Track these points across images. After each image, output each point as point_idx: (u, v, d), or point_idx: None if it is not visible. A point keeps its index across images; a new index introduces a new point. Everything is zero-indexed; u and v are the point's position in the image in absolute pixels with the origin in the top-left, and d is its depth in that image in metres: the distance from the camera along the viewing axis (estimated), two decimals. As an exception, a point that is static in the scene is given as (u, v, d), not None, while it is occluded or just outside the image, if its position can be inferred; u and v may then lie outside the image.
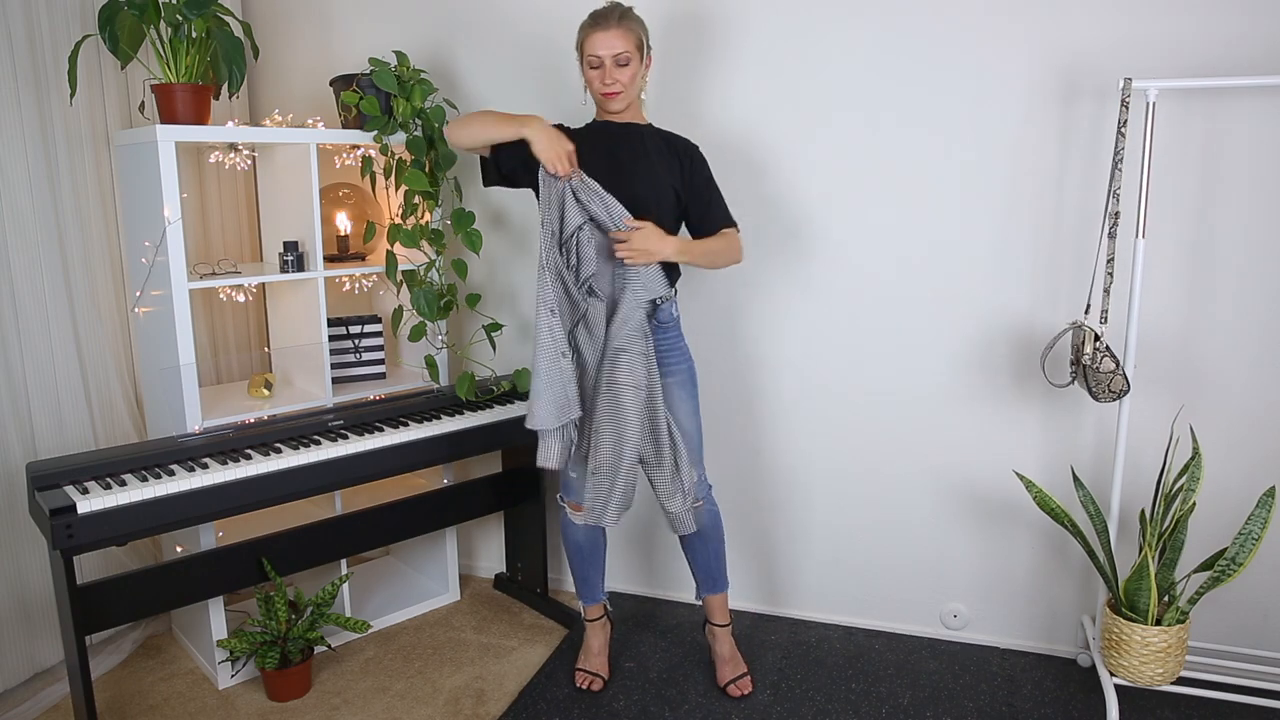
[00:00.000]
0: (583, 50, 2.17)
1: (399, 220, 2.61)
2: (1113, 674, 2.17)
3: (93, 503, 1.94)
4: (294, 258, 2.50)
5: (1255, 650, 2.34)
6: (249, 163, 2.76)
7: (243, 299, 2.75)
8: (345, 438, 2.35)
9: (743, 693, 2.37)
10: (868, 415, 2.61)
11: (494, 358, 2.88)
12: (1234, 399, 2.29)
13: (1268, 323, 2.24)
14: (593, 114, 2.28)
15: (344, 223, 2.80)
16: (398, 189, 2.62)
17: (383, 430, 2.42)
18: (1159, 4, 2.18)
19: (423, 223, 2.61)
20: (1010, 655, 2.56)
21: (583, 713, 2.32)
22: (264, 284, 2.89)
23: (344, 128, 2.66)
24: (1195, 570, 2.16)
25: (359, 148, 2.68)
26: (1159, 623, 2.09)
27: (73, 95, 2.31)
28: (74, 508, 1.92)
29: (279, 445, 2.30)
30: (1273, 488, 2.05)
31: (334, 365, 2.69)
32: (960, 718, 2.28)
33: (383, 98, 2.55)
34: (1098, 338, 2.14)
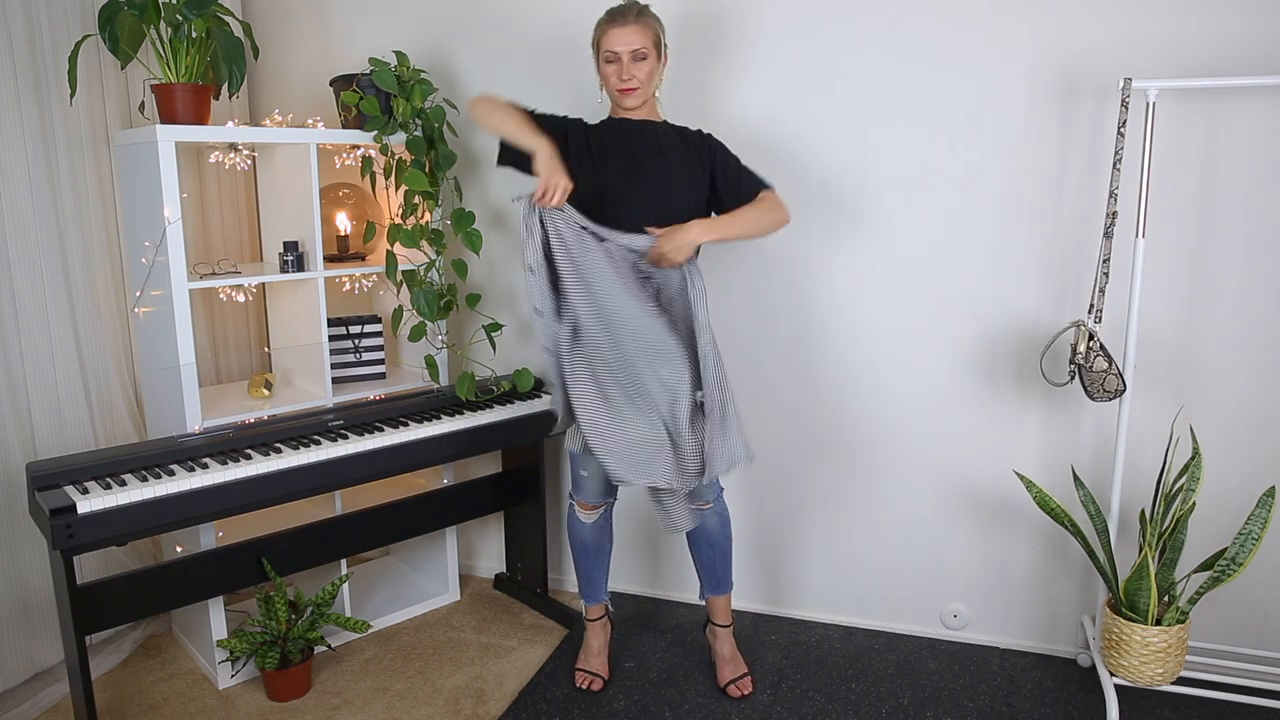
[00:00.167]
0: (599, 46, 2.15)
1: (399, 220, 2.61)
2: (1113, 674, 2.17)
3: (93, 503, 1.94)
4: (294, 258, 2.50)
5: (1255, 650, 2.34)
6: (249, 163, 2.76)
7: (243, 299, 2.75)
8: (345, 438, 2.35)
9: (743, 693, 2.37)
10: (867, 415, 2.61)
11: (494, 358, 2.88)
12: (1234, 399, 2.29)
13: (1268, 323, 2.24)
14: (607, 111, 2.26)
15: (344, 223, 2.79)
16: (398, 189, 2.62)
17: (383, 430, 2.42)
18: (1159, 4, 2.18)
19: (423, 223, 2.61)
20: (1010, 655, 2.56)
21: (583, 713, 2.32)
22: (264, 284, 2.89)
23: (344, 128, 2.66)
24: (1195, 570, 2.16)
25: (359, 148, 2.68)
26: (1159, 623, 2.09)
27: (73, 95, 2.31)
28: (74, 508, 1.92)
29: (279, 445, 2.30)
30: (1273, 488, 2.05)
31: (334, 365, 2.69)
32: (960, 718, 2.28)
33: (383, 98, 2.55)
34: (1091, 336, 2.14)
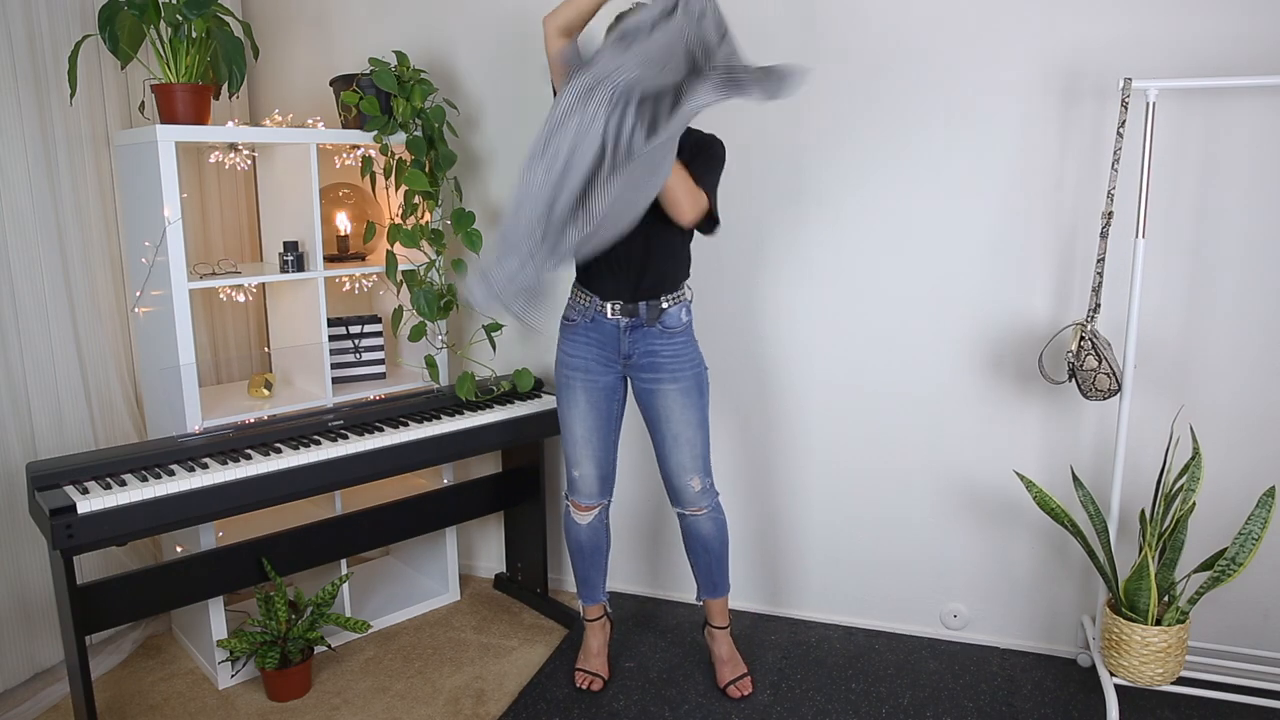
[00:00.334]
0: None
1: (399, 220, 2.61)
2: (1113, 674, 2.17)
3: (93, 503, 1.94)
4: (294, 258, 2.50)
5: (1255, 650, 2.34)
6: (249, 163, 2.76)
7: (243, 299, 2.75)
8: (345, 438, 2.35)
9: (743, 693, 2.37)
10: (868, 415, 2.61)
11: (494, 358, 2.88)
12: (1234, 399, 2.29)
13: (1268, 323, 2.24)
14: None
15: (344, 223, 2.79)
16: (398, 189, 2.62)
17: (383, 430, 2.42)
18: (1159, 4, 2.18)
19: (423, 223, 2.61)
20: (1010, 655, 2.56)
21: (583, 713, 2.32)
22: (264, 284, 2.89)
23: (344, 128, 2.66)
24: (1195, 570, 2.16)
25: (359, 148, 2.68)
26: (1159, 623, 2.09)
27: (73, 95, 2.31)
28: (74, 508, 1.92)
29: (279, 445, 2.30)
30: (1273, 488, 2.05)
31: (334, 365, 2.69)
32: (960, 718, 2.28)
33: (383, 98, 2.55)
34: (1083, 336, 2.14)
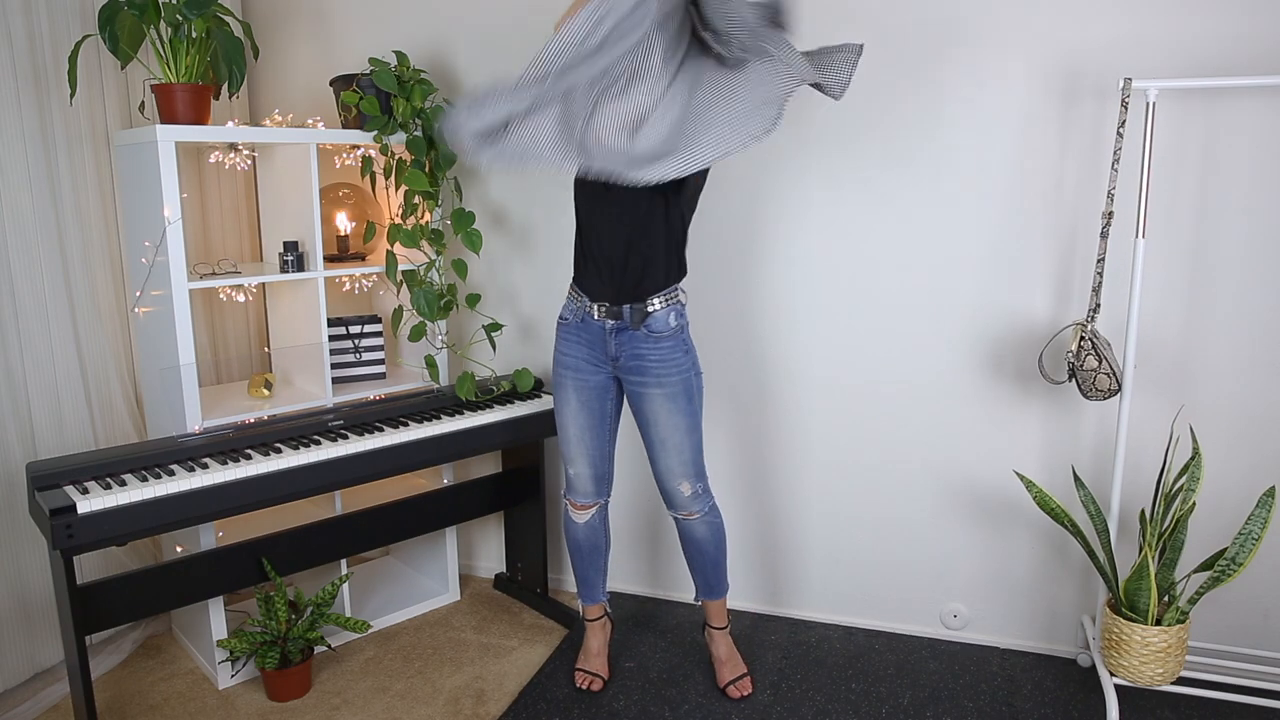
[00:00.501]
0: None
1: (399, 220, 2.61)
2: (1113, 674, 2.17)
3: (93, 503, 1.94)
4: (294, 258, 2.50)
5: (1255, 650, 2.34)
6: (249, 163, 2.76)
7: (243, 299, 2.75)
8: (345, 438, 2.35)
9: (743, 694, 2.37)
10: (868, 415, 2.61)
11: (494, 358, 2.88)
12: (1234, 399, 2.29)
13: (1268, 323, 2.24)
14: None
15: (344, 223, 2.80)
16: (398, 189, 2.62)
17: (383, 430, 2.42)
18: (1159, 4, 2.18)
19: (423, 223, 2.62)
20: (1010, 655, 2.56)
21: (583, 713, 2.32)
22: (264, 284, 2.89)
23: (344, 128, 2.66)
24: (1195, 570, 2.16)
25: (359, 148, 2.68)
26: (1159, 623, 2.09)
27: (73, 95, 2.31)
28: (74, 508, 1.92)
29: (279, 445, 2.30)
30: (1273, 488, 2.05)
31: (334, 365, 2.69)
32: (960, 718, 2.28)
33: (383, 98, 2.55)
34: (1083, 336, 2.14)
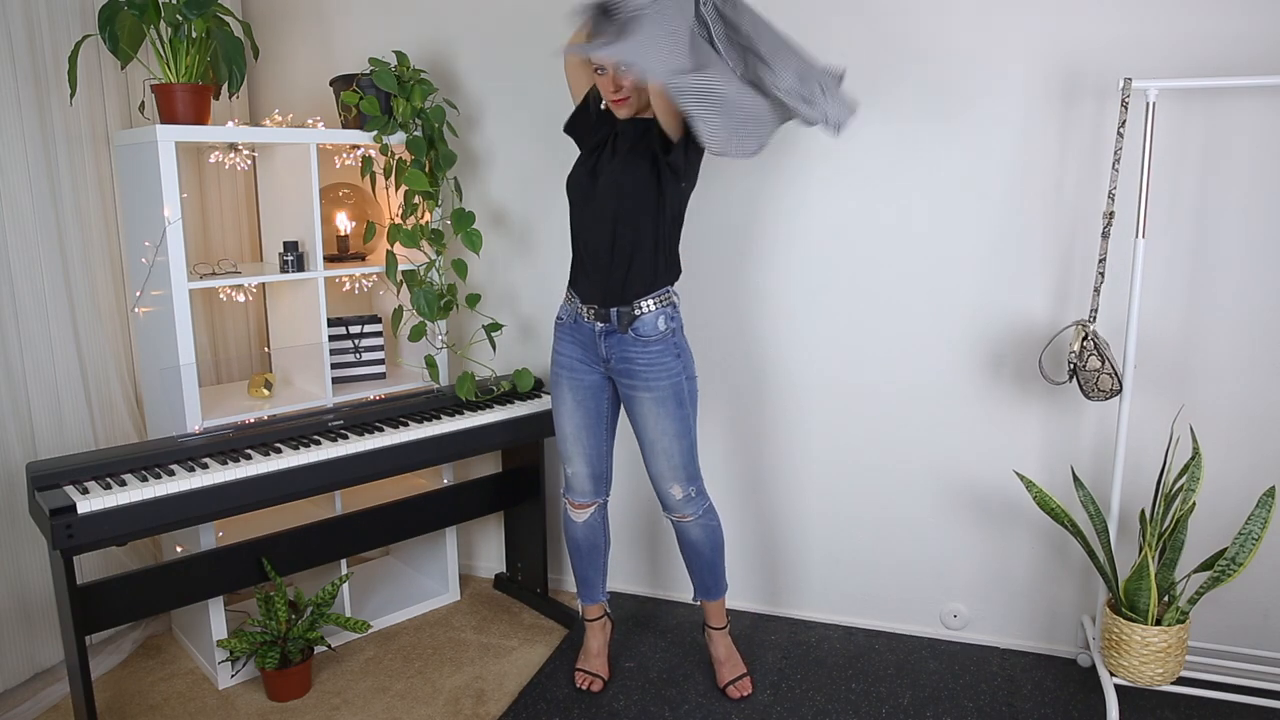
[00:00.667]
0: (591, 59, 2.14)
1: (399, 220, 2.61)
2: (1113, 674, 2.17)
3: (93, 503, 1.94)
4: (294, 258, 2.50)
5: (1255, 650, 2.34)
6: (249, 163, 2.76)
7: (243, 299, 2.75)
8: (345, 438, 2.35)
9: (743, 694, 2.37)
10: (868, 415, 2.61)
11: (494, 358, 2.88)
12: (1234, 399, 2.29)
13: (1268, 323, 2.24)
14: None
15: (344, 223, 2.80)
16: (398, 189, 2.62)
17: (383, 430, 2.42)
18: (1159, 4, 2.17)
19: (423, 223, 2.62)
20: (1010, 655, 2.56)
21: (583, 713, 2.32)
22: (264, 284, 2.89)
23: (344, 128, 2.66)
24: (1195, 570, 2.16)
25: (359, 148, 2.68)
26: (1159, 623, 2.09)
27: (73, 95, 2.31)
28: (74, 508, 1.92)
29: (279, 445, 2.29)
30: (1273, 488, 2.05)
31: (334, 365, 2.69)
32: (960, 718, 2.28)
33: (383, 98, 2.55)
34: (1086, 336, 2.14)
